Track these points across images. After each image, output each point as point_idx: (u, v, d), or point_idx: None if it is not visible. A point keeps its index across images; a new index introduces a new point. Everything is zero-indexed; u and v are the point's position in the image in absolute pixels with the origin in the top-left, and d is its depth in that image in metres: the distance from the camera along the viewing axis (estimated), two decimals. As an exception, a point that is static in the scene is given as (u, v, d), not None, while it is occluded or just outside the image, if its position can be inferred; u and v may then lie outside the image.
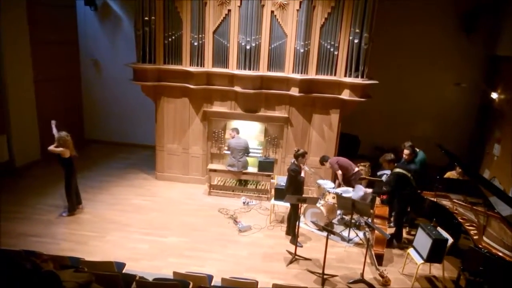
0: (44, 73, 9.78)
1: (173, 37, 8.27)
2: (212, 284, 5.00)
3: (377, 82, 7.98)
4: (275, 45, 8.06)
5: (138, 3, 8.02)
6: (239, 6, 7.91)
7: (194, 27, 8.05)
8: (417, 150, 7.64)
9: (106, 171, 9.58)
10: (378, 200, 7.57)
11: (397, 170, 6.78)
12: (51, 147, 7.14)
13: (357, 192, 7.32)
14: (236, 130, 8.36)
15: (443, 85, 9.84)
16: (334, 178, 8.38)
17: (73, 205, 7.45)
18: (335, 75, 8.04)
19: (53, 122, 7.45)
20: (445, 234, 5.88)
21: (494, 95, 8.98)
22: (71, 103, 10.96)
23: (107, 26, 10.75)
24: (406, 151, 7.24)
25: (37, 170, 9.35)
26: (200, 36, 8.12)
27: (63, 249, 6.22)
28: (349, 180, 7.96)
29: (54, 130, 7.35)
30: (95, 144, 11.25)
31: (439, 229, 5.99)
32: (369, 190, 7.29)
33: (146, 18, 8.05)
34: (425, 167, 7.64)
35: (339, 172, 7.84)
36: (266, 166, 8.38)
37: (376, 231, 6.30)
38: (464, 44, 9.50)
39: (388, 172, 7.72)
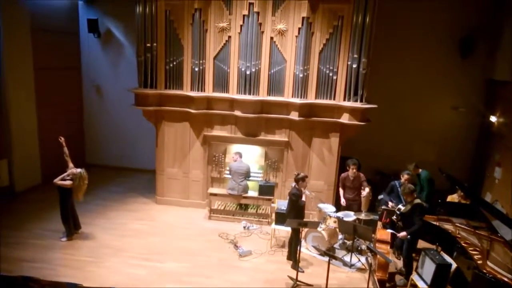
0: (47, 98, 9.92)
1: (174, 63, 8.41)
2: (211, 310, 4.90)
3: (376, 106, 8.04)
4: (274, 70, 8.19)
5: (140, 30, 8.21)
6: (239, 33, 8.08)
7: (195, 53, 8.20)
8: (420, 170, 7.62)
9: (106, 195, 9.52)
10: (379, 224, 7.48)
11: (418, 201, 6.43)
12: (59, 181, 7.05)
13: None
14: (239, 154, 8.39)
15: (443, 109, 9.91)
16: (336, 200, 8.29)
17: (71, 229, 7.37)
18: (334, 99, 8.13)
19: (62, 139, 7.33)
20: (448, 259, 5.79)
21: (493, 119, 9.03)
22: (73, 128, 11.04)
23: (109, 52, 10.96)
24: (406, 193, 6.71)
25: (37, 194, 9.30)
26: (201, 61, 8.25)
27: (60, 275, 6.12)
28: (349, 200, 7.90)
29: (66, 149, 7.30)
30: (96, 168, 11.20)
31: (442, 253, 5.91)
32: None
33: (148, 45, 8.22)
34: (432, 184, 7.65)
35: (368, 189, 7.70)
36: (266, 190, 8.34)
37: (378, 256, 6.21)
38: (461, 69, 9.63)
39: (383, 197, 7.69)
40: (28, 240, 7.25)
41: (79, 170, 7.17)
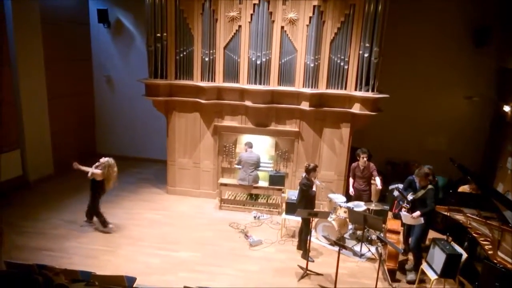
0: (58, 89, 9.99)
1: (185, 53, 8.40)
2: (223, 299, 4.99)
3: (387, 96, 7.98)
4: (285, 60, 8.14)
5: (150, 20, 8.18)
6: (249, 22, 8.03)
7: (205, 43, 8.18)
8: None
9: (118, 186, 9.35)
10: (390, 214, 7.50)
11: (431, 186, 6.34)
12: (92, 171, 7.07)
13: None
14: (250, 144, 8.38)
15: (455, 98, 9.78)
16: (346, 190, 8.30)
17: (105, 220, 7.42)
18: (345, 89, 8.07)
19: (76, 165, 7.06)
20: (459, 249, 5.80)
21: (507, 108, 8.90)
22: (84, 119, 11.17)
23: (120, 42, 10.96)
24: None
25: (50, 184, 9.47)
26: (211, 51, 8.23)
27: (75, 263, 6.24)
28: (359, 191, 7.91)
29: (83, 168, 7.13)
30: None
31: (453, 244, 5.92)
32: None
33: (158, 35, 8.20)
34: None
35: (379, 180, 7.70)
36: (277, 180, 8.37)
37: (388, 246, 6.23)
38: (474, 57, 9.46)
39: (400, 185, 7.67)
40: (44, 230, 7.39)
41: (106, 158, 7.16)
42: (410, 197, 6.59)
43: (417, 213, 6.28)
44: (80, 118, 10.95)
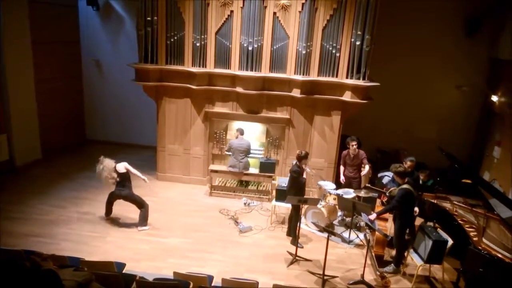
0: (45, 73, 9.80)
1: (176, 38, 8.28)
2: (213, 284, 5.02)
3: (378, 84, 8.00)
4: (277, 46, 8.08)
5: (141, 3, 8.03)
6: (241, 7, 7.92)
7: (197, 28, 8.07)
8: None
9: None
10: (378, 201, 7.59)
11: (406, 186, 5.99)
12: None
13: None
14: (241, 131, 8.34)
15: (445, 87, 9.86)
16: (335, 177, 8.35)
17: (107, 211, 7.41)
18: (336, 76, 8.06)
19: None
20: (445, 235, 5.91)
21: (495, 98, 9.01)
22: (73, 103, 11.00)
23: (109, 26, 10.75)
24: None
25: (38, 169, 9.36)
26: (203, 36, 8.13)
27: (64, 249, 6.20)
28: (349, 178, 7.97)
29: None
30: (96, 144, 11.24)
31: (439, 230, 6.03)
32: None
33: (149, 18, 8.06)
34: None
35: (368, 167, 7.72)
36: (267, 167, 8.38)
37: (376, 233, 6.32)
38: (466, 47, 9.51)
39: (389, 173, 7.74)
40: (32, 215, 7.32)
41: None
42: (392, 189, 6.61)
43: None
44: (69, 103, 10.78)
